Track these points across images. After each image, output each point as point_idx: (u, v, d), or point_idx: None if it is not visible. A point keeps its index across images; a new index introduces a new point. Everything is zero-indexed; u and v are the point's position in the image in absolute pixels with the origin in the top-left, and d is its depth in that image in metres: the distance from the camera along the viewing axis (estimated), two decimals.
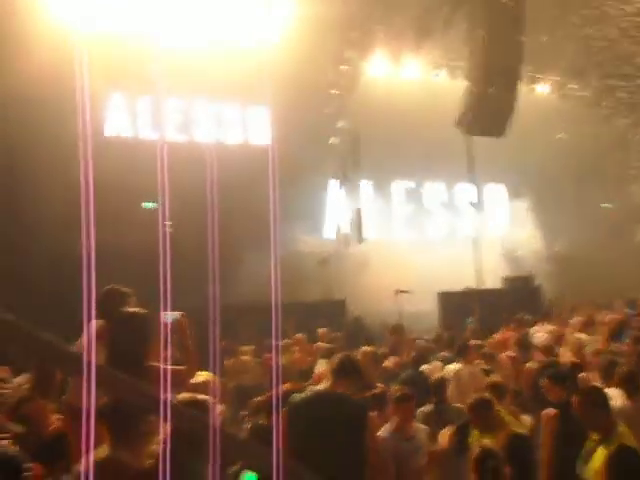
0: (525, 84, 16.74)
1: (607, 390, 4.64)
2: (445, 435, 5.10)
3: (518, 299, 12.57)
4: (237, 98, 15.90)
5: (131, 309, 4.13)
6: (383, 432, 5.09)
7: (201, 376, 4.15)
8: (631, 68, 17.00)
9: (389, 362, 7.98)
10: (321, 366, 7.34)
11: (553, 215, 19.33)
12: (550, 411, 4.93)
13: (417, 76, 17.76)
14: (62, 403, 4.49)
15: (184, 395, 2.99)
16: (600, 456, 3.95)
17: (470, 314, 11.82)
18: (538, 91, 18.82)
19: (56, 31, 10.47)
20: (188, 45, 13.08)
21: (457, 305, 12.88)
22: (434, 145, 16.35)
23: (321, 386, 4.23)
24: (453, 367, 7.11)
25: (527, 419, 5.60)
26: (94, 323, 3.90)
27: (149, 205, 13.26)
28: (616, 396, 4.94)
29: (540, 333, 9.46)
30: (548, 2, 14.47)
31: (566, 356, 7.66)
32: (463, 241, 17.86)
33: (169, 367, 3.78)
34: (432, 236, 19.20)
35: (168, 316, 4.07)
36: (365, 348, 7.57)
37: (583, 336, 8.95)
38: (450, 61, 17.72)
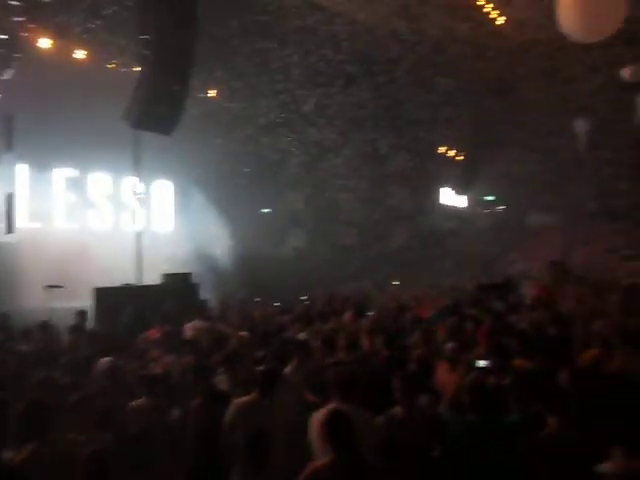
0: (197, 86, 17.03)
1: None
2: None
3: (176, 296, 12.67)
4: None
5: None
6: None
7: None
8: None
9: None
10: None
11: (220, 216, 20.16)
12: None
13: (88, 60, 16.81)
14: None
15: None
16: None
17: (126, 310, 11.60)
18: (209, 94, 19.32)
19: None
20: None
21: (113, 301, 12.49)
22: (101, 135, 15.68)
23: None
24: None
25: None
26: None
27: None
28: None
29: (190, 331, 9.63)
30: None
31: None
32: (127, 236, 17.48)
33: None
34: (94, 229, 18.45)
35: None
36: None
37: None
38: (123, 49, 17.19)
